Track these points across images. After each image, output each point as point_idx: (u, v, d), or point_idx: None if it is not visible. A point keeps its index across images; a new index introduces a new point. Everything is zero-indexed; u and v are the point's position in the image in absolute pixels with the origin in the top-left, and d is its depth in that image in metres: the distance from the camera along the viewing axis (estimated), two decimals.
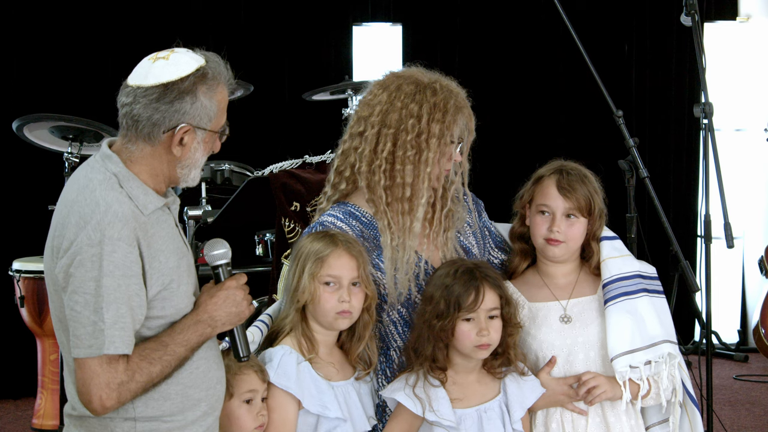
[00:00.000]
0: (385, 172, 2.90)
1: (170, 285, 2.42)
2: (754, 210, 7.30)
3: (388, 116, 2.89)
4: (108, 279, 2.30)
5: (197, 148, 2.46)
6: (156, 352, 2.38)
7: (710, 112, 3.64)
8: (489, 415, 2.82)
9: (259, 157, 5.17)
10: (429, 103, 2.87)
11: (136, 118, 2.41)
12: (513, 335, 2.85)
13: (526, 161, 3.27)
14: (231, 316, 2.49)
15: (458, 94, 2.92)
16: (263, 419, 2.70)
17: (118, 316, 2.31)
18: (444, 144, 2.88)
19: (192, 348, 2.44)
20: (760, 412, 5.76)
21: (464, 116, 2.91)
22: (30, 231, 5.72)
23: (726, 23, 7.28)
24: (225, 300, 2.48)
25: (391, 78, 2.96)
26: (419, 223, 2.89)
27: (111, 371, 2.31)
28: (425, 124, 2.86)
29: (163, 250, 2.42)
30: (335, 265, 2.76)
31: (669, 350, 2.94)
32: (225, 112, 2.50)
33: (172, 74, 2.41)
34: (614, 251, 3.02)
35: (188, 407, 2.46)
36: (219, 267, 2.54)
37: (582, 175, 3.01)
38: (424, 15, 6.93)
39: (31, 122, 4.94)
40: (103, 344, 2.30)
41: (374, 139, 2.90)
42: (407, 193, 2.89)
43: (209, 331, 2.47)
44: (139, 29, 6.15)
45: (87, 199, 2.36)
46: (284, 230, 4.19)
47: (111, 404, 2.33)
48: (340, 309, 2.76)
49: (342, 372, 2.83)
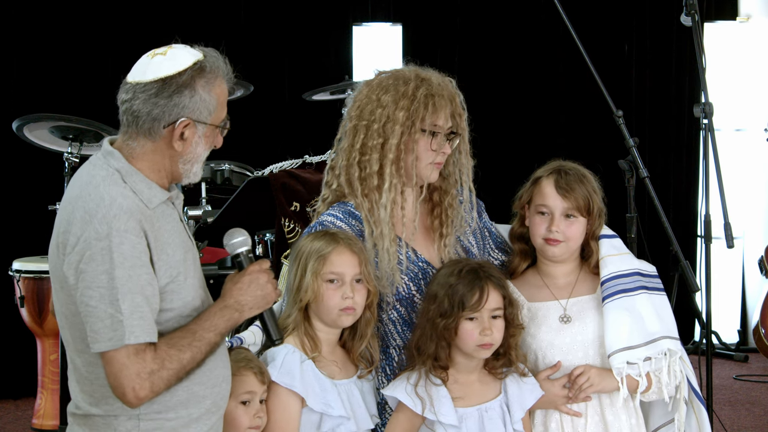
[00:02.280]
0: (359, 164, 2.93)
1: (177, 278, 2.43)
2: (754, 210, 7.30)
3: (364, 109, 2.93)
4: (120, 270, 2.30)
5: (198, 142, 2.47)
6: (184, 339, 2.38)
7: (710, 112, 3.64)
8: (490, 415, 2.82)
9: (259, 157, 5.17)
10: (398, 92, 2.89)
11: (136, 114, 2.42)
12: (515, 336, 2.86)
13: (526, 162, 3.27)
14: (257, 299, 2.51)
15: (434, 83, 2.91)
16: (260, 422, 2.70)
17: (134, 305, 2.31)
18: (414, 132, 2.89)
19: (221, 333, 2.45)
20: (760, 412, 5.76)
21: (438, 105, 2.89)
22: (30, 231, 5.74)
23: (726, 23, 7.28)
24: (249, 284, 2.50)
25: (377, 75, 3.00)
26: (385, 210, 2.89)
27: (139, 361, 2.31)
28: (391, 112, 2.89)
29: (170, 243, 2.43)
30: (337, 262, 2.76)
31: (669, 346, 2.94)
32: (225, 106, 2.51)
33: (170, 69, 2.42)
34: (613, 249, 3.02)
35: (192, 404, 2.45)
36: (240, 254, 2.58)
37: (580, 174, 3.01)
38: (424, 15, 6.93)
39: (31, 122, 4.94)
40: (124, 335, 2.30)
41: (351, 132, 2.95)
42: (376, 182, 2.91)
43: (237, 316, 2.48)
44: (139, 29, 6.15)
45: (91, 195, 2.36)
46: (284, 230, 4.19)
47: (145, 394, 2.33)
48: (344, 306, 2.76)
49: (345, 370, 2.84)
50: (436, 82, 2.92)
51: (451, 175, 3.03)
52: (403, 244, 2.95)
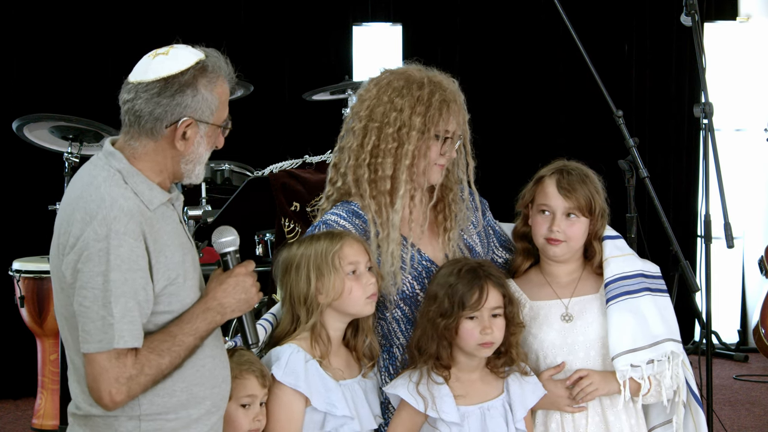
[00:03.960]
0: (369, 166, 2.92)
1: (176, 280, 2.42)
2: (754, 210, 7.30)
3: (375, 110, 2.92)
4: (115, 273, 2.30)
5: (200, 142, 2.47)
6: (164, 343, 2.38)
7: (710, 112, 3.64)
8: (492, 414, 2.82)
9: (259, 157, 5.17)
10: (413, 96, 2.89)
11: (138, 114, 2.42)
12: (516, 334, 2.86)
13: (526, 161, 3.27)
14: (240, 303, 2.50)
15: (447, 89, 2.92)
16: (259, 425, 2.69)
17: (126, 310, 2.31)
18: (428, 138, 2.89)
19: (201, 337, 2.44)
20: (760, 412, 5.76)
21: (452, 111, 2.91)
22: (30, 231, 5.74)
23: (726, 23, 7.28)
24: (234, 287, 2.49)
25: (384, 74, 2.99)
26: (398, 215, 2.90)
27: (120, 366, 2.31)
28: (407, 117, 2.88)
29: (169, 245, 2.42)
30: (351, 253, 2.78)
31: (672, 348, 2.94)
32: (227, 106, 2.51)
33: (172, 68, 2.42)
34: (616, 250, 3.02)
35: (192, 405, 2.45)
36: (227, 254, 2.55)
37: (583, 174, 3.01)
38: (424, 15, 6.93)
39: (31, 122, 4.94)
40: (113, 338, 2.30)
41: (361, 133, 2.94)
42: (388, 186, 2.91)
43: (218, 319, 2.47)
44: (139, 30, 6.15)
45: (92, 195, 2.36)
46: (284, 230, 4.19)
47: (121, 399, 2.33)
48: (370, 293, 2.79)
49: (348, 370, 2.84)
50: (448, 86, 2.93)
51: (452, 172, 3.04)
52: (408, 246, 2.95)
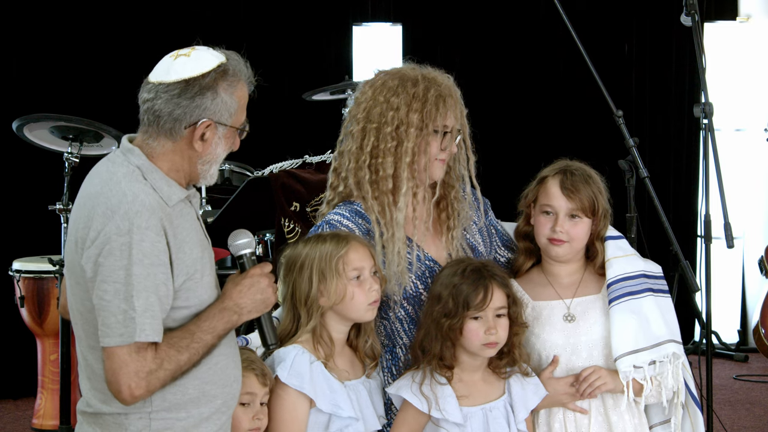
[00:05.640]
0: (370, 167, 2.92)
1: (194, 275, 2.44)
2: (754, 210, 7.30)
3: (372, 111, 2.93)
4: (137, 267, 2.32)
5: (218, 143, 2.49)
6: (183, 340, 2.39)
7: (710, 112, 3.64)
8: (494, 415, 2.83)
9: (259, 157, 5.16)
10: (409, 94, 2.90)
11: (157, 114, 2.43)
12: (519, 334, 2.87)
13: (528, 161, 3.27)
14: (257, 303, 2.51)
15: (441, 84, 2.92)
16: (259, 423, 2.70)
17: (148, 304, 2.32)
18: (426, 134, 2.89)
19: (218, 335, 2.45)
20: (760, 412, 5.76)
21: (448, 105, 2.91)
22: (30, 231, 5.74)
23: (726, 23, 7.28)
24: (250, 287, 2.50)
25: (378, 75, 3.00)
26: (401, 213, 2.90)
27: (140, 360, 2.32)
28: (404, 115, 2.89)
29: (188, 241, 2.44)
30: (356, 258, 2.77)
31: (674, 350, 2.94)
32: (245, 110, 2.54)
33: (193, 70, 2.43)
34: (619, 251, 3.02)
35: (204, 403, 2.46)
36: (243, 256, 2.59)
37: (586, 175, 3.01)
38: (424, 15, 6.93)
39: (31, 122, 4.94)
40: (135, 332, 2.31)
41: (360, 135, 2.94)
42: (390, 185, 2.91)
43: (235, 319, 2.48)
44: (138, 30, 6.15)
45: (113, 191, 2.37)
46: (284, 230, 4.19)
47: (140, 393, 2.33)
48: (372, 299, 2.78)
49: (353, 371, 2.84)
50: (442, 81, 2.93)
51: (453, 169, 3.04)
52: (413, 245, 2.95)
